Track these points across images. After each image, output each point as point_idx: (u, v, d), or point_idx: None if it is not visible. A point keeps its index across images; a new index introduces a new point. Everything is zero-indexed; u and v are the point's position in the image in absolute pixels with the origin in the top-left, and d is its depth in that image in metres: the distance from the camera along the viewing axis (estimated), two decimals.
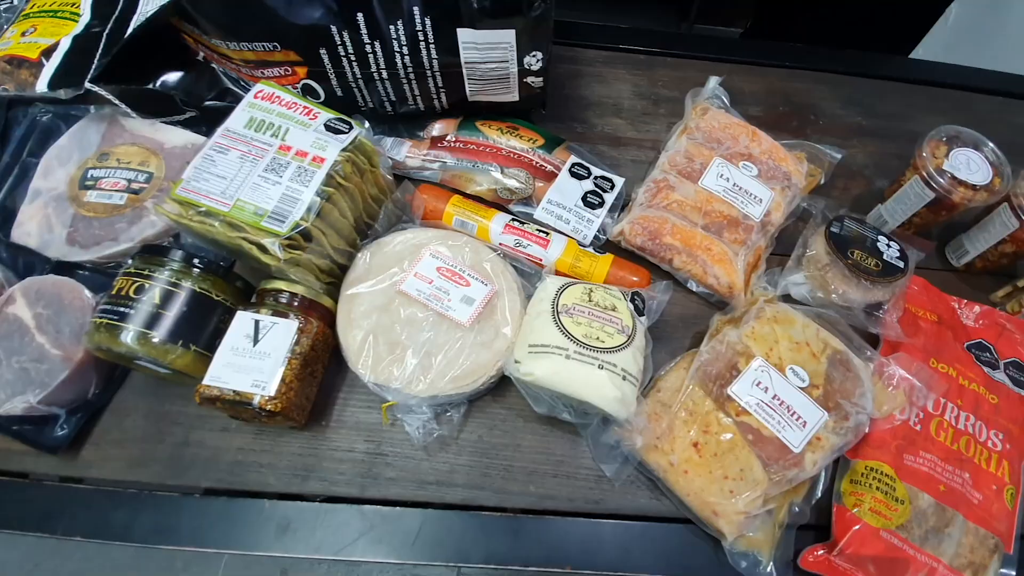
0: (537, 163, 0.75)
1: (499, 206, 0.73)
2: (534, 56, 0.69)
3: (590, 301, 0.60)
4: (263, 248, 0.54)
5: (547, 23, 0.65)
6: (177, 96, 0.72)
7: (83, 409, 0.61)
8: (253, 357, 0.55)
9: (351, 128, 0.61)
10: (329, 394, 0.64)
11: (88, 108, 0.78)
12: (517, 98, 0.75)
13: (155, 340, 0.54)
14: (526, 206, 0.73)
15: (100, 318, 0.55)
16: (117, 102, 0.72)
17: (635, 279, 0.68)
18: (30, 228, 0.69)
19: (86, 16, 0.77)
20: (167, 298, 0.56)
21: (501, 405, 0.65)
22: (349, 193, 0.61)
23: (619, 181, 0.75)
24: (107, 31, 0.73)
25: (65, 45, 0.74)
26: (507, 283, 0.65)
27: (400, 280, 0.63)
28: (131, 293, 0.55)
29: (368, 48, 0.66)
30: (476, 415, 0.64)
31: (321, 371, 0.62)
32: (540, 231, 0.69)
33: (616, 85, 0.90)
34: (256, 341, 0.56)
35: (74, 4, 0.81)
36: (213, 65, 0.74)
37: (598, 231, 0.72)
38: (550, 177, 0.74)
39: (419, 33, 0.64)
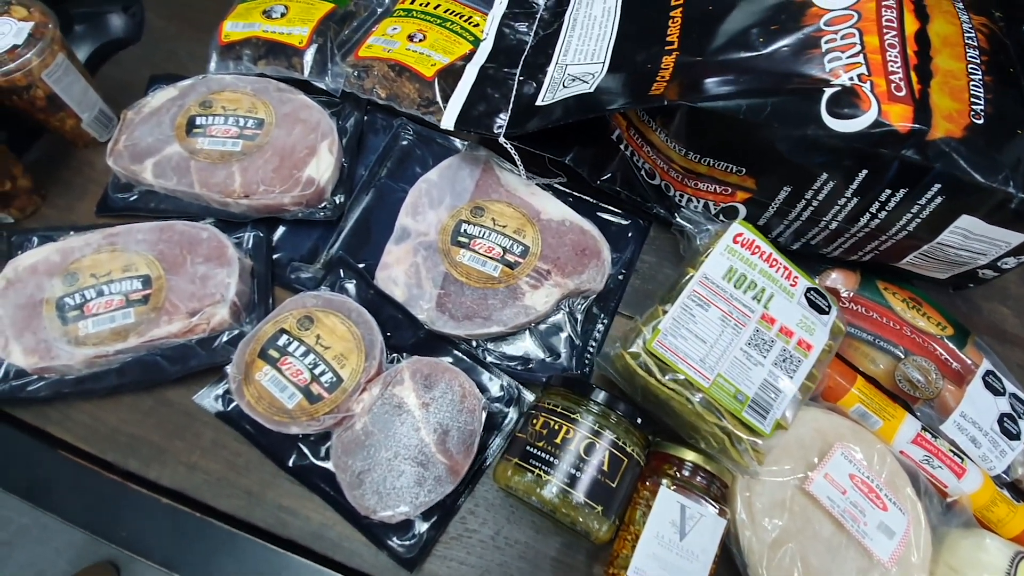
0: (944, 356, 0.64)
1: (901, 401, 0.63)
2: (1017, 259, 0.58)
3: None
4: (741, 446, 0.46)
5: None
6: (581, 171, 0.64)
7: (436, 512, 0.55)
8: (681, 555, 0.47)
9: (830, 307, 0.52)
10: None
11: (452, 140, 0.72)
12: (945, 277, 0.64)
13: (575, 501, 0.47)
14: (928, 408, 0.63)
15: (526, 465, 0.48)
16: (518, 161, 0.64)
17: None
18: (396, 275, 0.63)
19: (488, 43, 0.70)
20: (590, 451, 0.49)
21: None
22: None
23: None
24: (517, 81, 0.65)
25: (470, 79, 0.67)
26: (919, 513, 0.56)
27: (808, 479, 0.54)
28: (581, 450, 0.47)
29: (842, 201, 0.56)
30: None
31: None
32: (954, 453, 0.59)
33: None
34: (683, 534, 0.48)
35: (466, 18, 0.74)
36: (621, 146, 0.65)
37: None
38: (957, 378, 0.64)
39: (917, 206, 0.54)
